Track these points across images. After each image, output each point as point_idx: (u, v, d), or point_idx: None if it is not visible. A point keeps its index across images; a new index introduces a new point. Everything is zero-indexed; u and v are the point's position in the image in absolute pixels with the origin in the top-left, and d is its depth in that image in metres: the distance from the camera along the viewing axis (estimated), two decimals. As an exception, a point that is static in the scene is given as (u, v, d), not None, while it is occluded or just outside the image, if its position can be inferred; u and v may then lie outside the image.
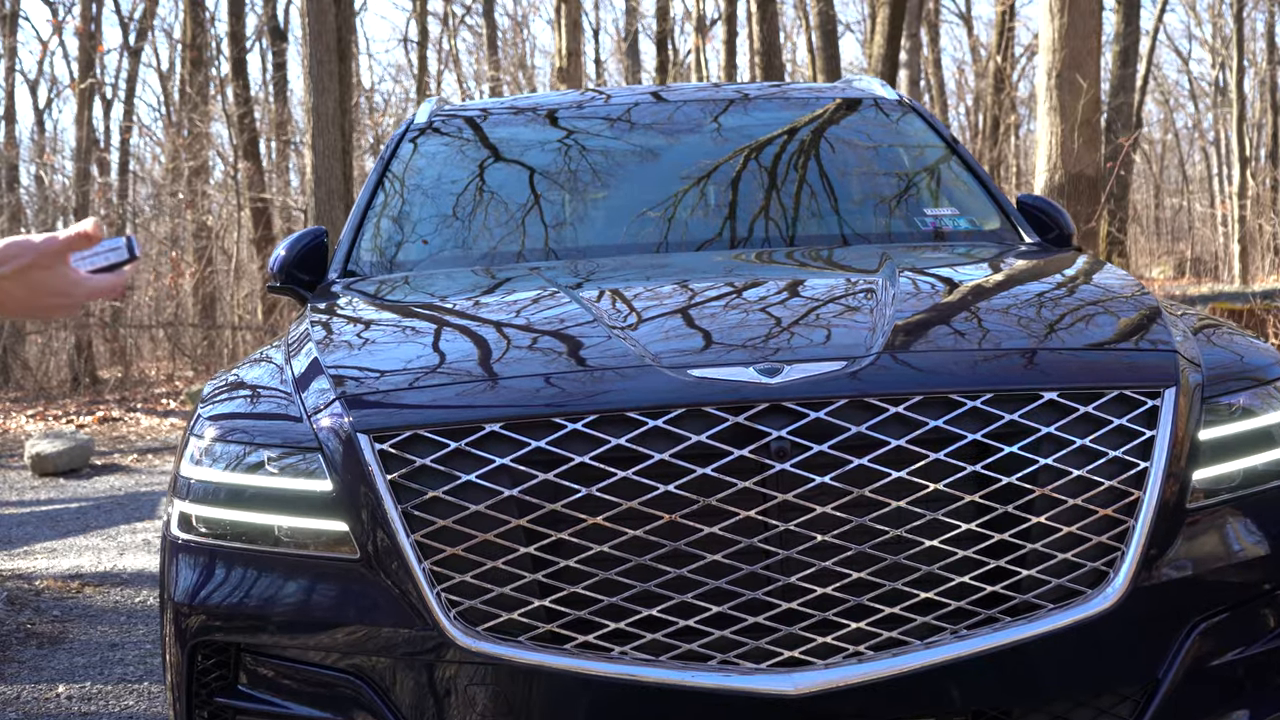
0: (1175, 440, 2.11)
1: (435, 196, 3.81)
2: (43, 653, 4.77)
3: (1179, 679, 2.09)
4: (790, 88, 4.50)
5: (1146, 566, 2.06)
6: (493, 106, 4.42)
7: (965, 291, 2.74)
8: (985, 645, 2.01)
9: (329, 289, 3.32)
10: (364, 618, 2.10)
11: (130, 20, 27.29)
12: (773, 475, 2.02)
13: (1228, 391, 2.24)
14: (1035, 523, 2.04)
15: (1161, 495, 2.08)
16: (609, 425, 2.05)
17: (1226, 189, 34.03)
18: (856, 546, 2.02)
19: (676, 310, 2.59)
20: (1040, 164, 13.44)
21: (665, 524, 2.02)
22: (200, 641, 2.24)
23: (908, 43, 22.72)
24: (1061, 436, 2.07)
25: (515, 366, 2.32)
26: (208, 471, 2.28)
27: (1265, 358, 2.37)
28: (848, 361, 2.13)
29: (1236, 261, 22.95)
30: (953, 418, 2.05)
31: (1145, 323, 2.40)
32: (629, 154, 3.91)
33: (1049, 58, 13.15)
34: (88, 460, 9.92)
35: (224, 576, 2.22)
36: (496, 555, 2.04)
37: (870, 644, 2.02)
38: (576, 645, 2.02)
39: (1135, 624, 2.06)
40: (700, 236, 3.49)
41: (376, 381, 2.29)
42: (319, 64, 15.22)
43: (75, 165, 21.46)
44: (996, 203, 3.64)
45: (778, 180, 3.74)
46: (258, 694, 2.22)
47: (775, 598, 2.02)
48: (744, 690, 1.98)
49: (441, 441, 2.08)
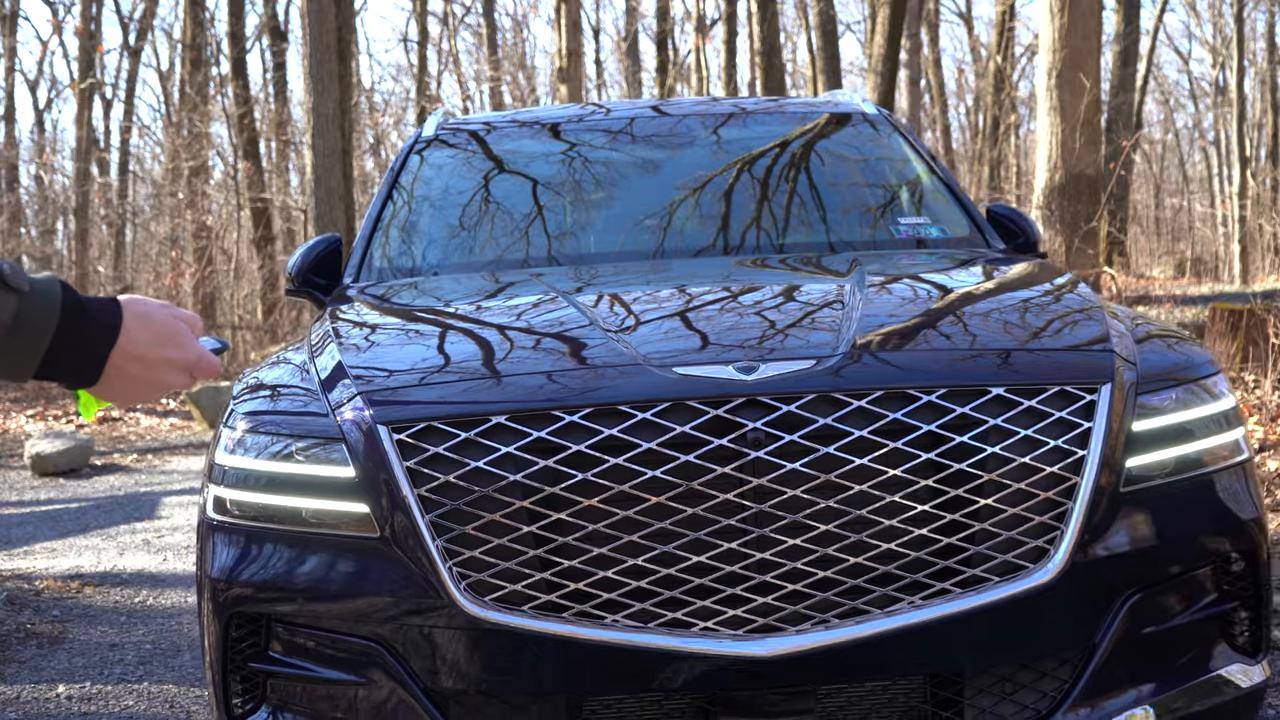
0: (1110, 432, 2.33)
1: (442, 206, 4.04)
2: (43, 653, 4.77)
3: (1113, 645, 2.33)
4: (775, 103, 4.77)
5: (1083, 544, 2.29)
6: (496, 120, 4.66)
7: (927, 296, 3.01)
8: (939, 614, 2.24)
9: (345, 293, 3.54)
10: (382, 590, 2.32)
11: (130, 20, 27.31)
12: (749, 462, 2.23)
13: (1160, 388, 2.48)
14: (984, 504, 2.26)
15: (1097, 481, 2.30)
16: (603, 417, 2.28)
17: (1226, 189, 34.02)
18: (823, 525, 2.24)
19: (665, 314, 2.84)
20: (1040, 164, 13.43)
21: (653, 505, 2.24)
22: (235, 613, 2.45)
23: (908, 43, 22.72)
24: (1007, 427, 2.29)
25: (518, 365, 2.56)
26: (240, 460, 2.50)
27: (1196, 359, 2.62)
28: (816, 360, 2.36)
29: (1236, 261, 22.94)
30: (910, 410, 2.28)
31: (1087, 326, 2.63)
32: (626, 165, 4.15)
33: (1049, 58, 13.14)
34: (88, 460, 9.93)
35: (255, 554, 2.45)
36: (502, 534, 2.26)
37: (836, 613, 2.24)
38: (574, 614, 2.24)
39: (1073, 595, 2.29)
40: (688, 244, 3.75)
41: (393, 379, 2.53)
42: (319, 64, 15.21)
43: (75, 165, 21.48)
44: (966, 212, 3.89)
45: (761, 191, 4.00)
46: (287, 659, 2.44)
47: (751, 571, 2.24)
48: (723, 654, 2.21)
49: (452, 432, 2.31)
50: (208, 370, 1.63)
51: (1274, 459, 6.38)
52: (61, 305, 1.49)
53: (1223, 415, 2.54)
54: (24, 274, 1.47)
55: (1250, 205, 24.03)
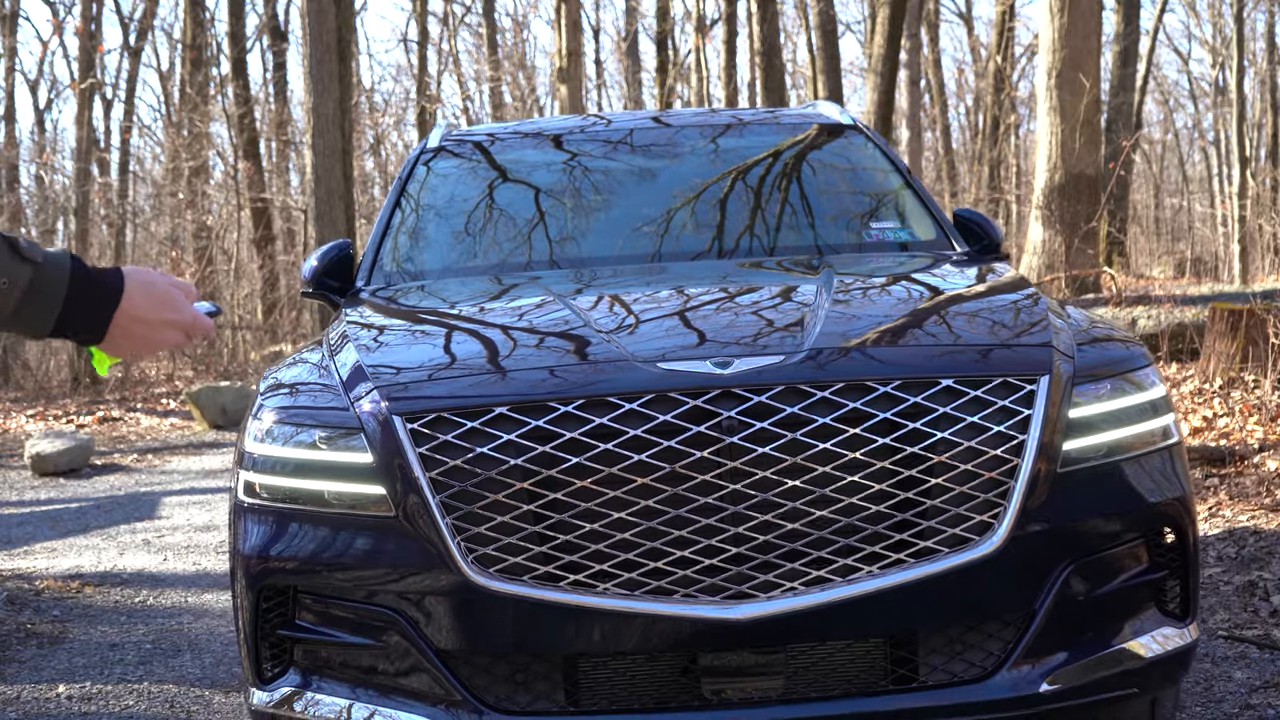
0: (1048, 418, 2.59)
1: (447, 214, 4.34)
2: (43, 653, 4.77)
3: (1051, 609, 2.58)
4: (755, 114, 5.11)
5: (1024, 520, 2.54)
6: (499, 130, 4.97)
7: (887, 295, 3.33)
8: (895, 581, 2.50)
9: (358, 296, 3.82)
10: (398, 563, 2.58)
11: (130, 20, 27.30)
12: (724, 447, 2.50)
13: (1095, 380, 2.73)
14: (934, 484, 2.52)
15: (1036, 462, 2.56)
16: (594, 408, 2.54)
17: (1226, 189, 34.00)
18: (791, 503, 2.50)
19: (650, 314, 3.13)
20: (1040, 164, 13.42)
21: (639, 486, 2.50)
22: (265, 585, 2.71)
23: (908, 43, 22.72)
24: (956, 415, 2.55)
25: (519, 361, 2.86)
26: (268, 448, 2.76)
27: (1129, 354, 2.87)
28: (785, 356, 2.63)
29: (1236, 261, 22.90)
30: (868, 400, 2.53)
31: (1030, 324, 2.90)
32: (620, 175, 4.45)
33: (1049, 58, 13.13)
34: (88, 460, 9.93)
35: (283, 532, 2.70)
36: (505, 512, 2.52)
37: (803, 581, 2.50)
38: (569, 583, 2.51)
39: (1015, 565, 2.55)
40: (675, 249, 4.06)
41: (406, 375, 2.80)
42: (319, 64, 15.22)
43: (75, 165, 21.47)
44: (934, 217, 4.17)
45: (745, 199, 4.33)
46: (312, 626, 2.70)
47: (727, 544, 2.50)
48: (701, 617, 2.48)
49: (460, 421, 2.56)
50: (202, 330, 1.88)
51: (1274, 459, 6.39)
52: (71, 274, 1.78)
53: (1152, 404, 2.79)
54: (38, 248, 1.76)
55: (1250, 205, 24.01)
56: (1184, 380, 8.52)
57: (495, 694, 2.57)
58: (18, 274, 1.74)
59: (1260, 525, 5.39)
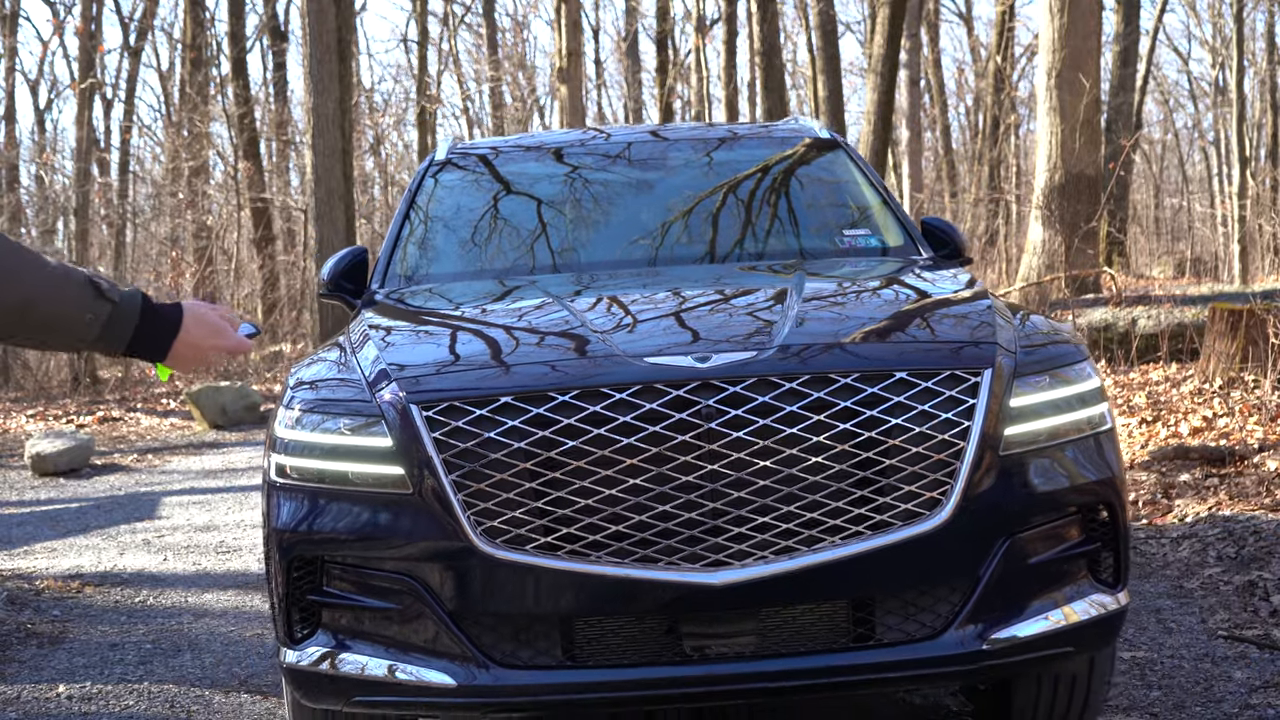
0: (990, 408, 2.90)
1: (455, 223, 4.70)
2: (43, 653, 4.78)
3: (994, 576, 2.89)
4: (741, 128, 5.62)
5: (968, 497, 2.86)
6: (502, 144, 5.36)
7: (852, 296, 3.69)
8: (854, 550, 2.82)
9: (373, 298, 4.17)
10: (414, 535, 2.89)
11: (130, 20, 27.31)
12: (704, 432, 2.81)
13: (1035, 373, 3.04)
14: (889, 464, 2.83)
15: (980, 446, 2.87)
16: (588, 397, 2.85)
17: (1226, 189, 33.99)
18: (763, 481, 2.82)
19: (639, 314, 3.48)
20: (1040, 164, 13.43)
21: (628, 466, 2.81)
22: (295, 556, 3.02)
23: (908, 43, 22.72)
24: (908, 404, 2.86)
25: (523, 356, 3.20)
26: (298, 434, 3.08)
27: (1067, 350, 3.17)
28: (757, 351, 2.95)
29: (1236, 261, 22.88)
30: (831, 390, 2.85)
31: (977, 323, 3.22)
32: (620, 186, 4.80)
33: (1049, 58, 13.14)
34: (88, 460, 9.93)
35: (311, 509, 3.02)
36: (509, 489, 2.83)
37: (772, 550, 2.81)
38: (566, 552, 2.82)
39: (961, 537, 2.86)
40: (667, 254, 4.43)
41: (421, 368, 3.10)
42: (319, 64, 15.22)
43: (75, 165, 21.44)
44: (902, 224, 4.53)
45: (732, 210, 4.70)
46: (337, 592, 3.00)
47: (706, 518, 2.82)
48: (683, 582, 2.80)
49: (470, 409, 2.88)
50: (243, 350, 2.43)
51: (1274, 459, 6.39)
52: (141, 310, 2.27)
53: (1087, 394, 3.10)
54: (116, 288, 2.25)
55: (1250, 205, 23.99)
56: (1184, 380, 8.52)
57: (500, 650, 2.88)
58: (100, 310, 2.21)
59: (1260, 525, 5.39)
